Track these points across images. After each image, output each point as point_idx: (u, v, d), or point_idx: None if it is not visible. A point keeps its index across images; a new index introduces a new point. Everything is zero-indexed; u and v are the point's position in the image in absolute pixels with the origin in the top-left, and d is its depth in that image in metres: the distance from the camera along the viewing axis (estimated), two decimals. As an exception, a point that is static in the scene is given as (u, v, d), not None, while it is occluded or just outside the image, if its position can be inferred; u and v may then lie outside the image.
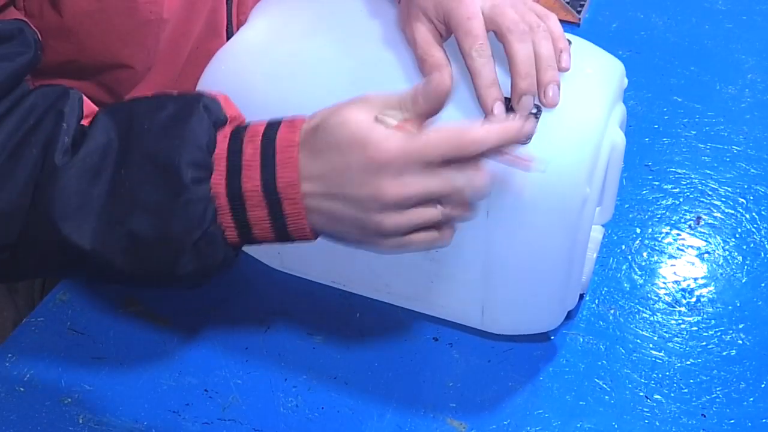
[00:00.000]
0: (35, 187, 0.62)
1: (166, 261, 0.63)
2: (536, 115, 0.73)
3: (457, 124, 0.62)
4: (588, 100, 0.76)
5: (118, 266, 0.63)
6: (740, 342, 0.88)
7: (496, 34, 0.73)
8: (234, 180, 0.62)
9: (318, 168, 0.61)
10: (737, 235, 0.98)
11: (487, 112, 0.72)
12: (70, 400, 0.84)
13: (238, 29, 0.87)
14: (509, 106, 0.73)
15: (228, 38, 0.91)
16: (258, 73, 0.80)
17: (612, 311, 0.91)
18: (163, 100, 0.64)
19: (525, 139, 0.67)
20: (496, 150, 0.63)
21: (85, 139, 0.63)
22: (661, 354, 0.87)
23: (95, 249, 0.62)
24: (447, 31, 0.75)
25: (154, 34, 0.83)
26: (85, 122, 0.65)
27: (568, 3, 1.25)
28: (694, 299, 0.92)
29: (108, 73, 0.85)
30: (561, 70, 0.74)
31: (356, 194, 0.61)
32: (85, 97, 0.67)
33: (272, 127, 0.63)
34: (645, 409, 0.83)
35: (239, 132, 0.63)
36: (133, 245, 0.62)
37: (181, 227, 0.61)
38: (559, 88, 0.73)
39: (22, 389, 0.85)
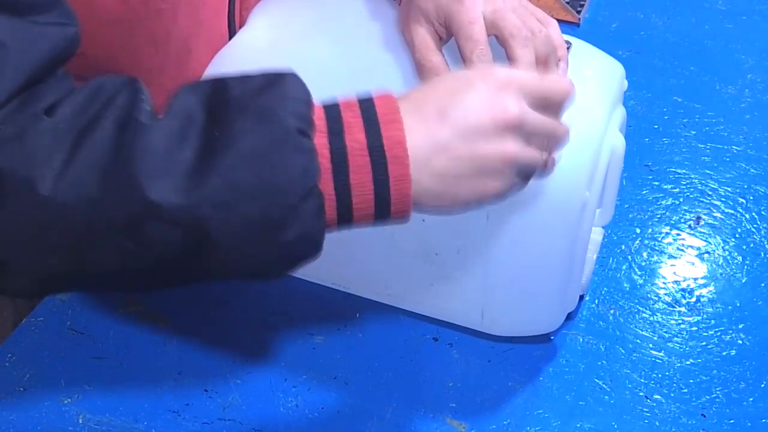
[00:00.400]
0: (116, 152, 0.56)
1: (267, 220, 0.57)
2: None
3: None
4: (588, 104, 0.76)
5: (213, 232, 0.56)
6: (740, 342, 0.88)
7: (498, 38, 0.73)
8: (336, 140, 0.58)
9: (431, 111, 0.60)
10: (737, 235, 0.98)
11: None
12: (70, 400, 0.84)
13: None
14: None
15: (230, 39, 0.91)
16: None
17: (612, 311, 0.91)
18: (247, 75, 0.61)
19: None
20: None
21: (167, 109, 0.58)
22: (661, 354, 0.87)
23: (185, 207, 0.55)
24: (447, 34, 0.75)
25: (164, 27, 0.83)
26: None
27: (568, 3, 1.25)
28: (694, 299, 0.92)
29: (116, 72, 0.84)
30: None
31: (479, 119, 0.59)
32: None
33: (365, 95, 0.61)
34: (645, 409, 0.83)
35: (333, 103, 0.61)
36: (233, 198, 0.56)
37: (285, 178, 0.56)
38: None
39: (22, 389, 0.85)
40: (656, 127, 1.11)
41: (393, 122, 0.59)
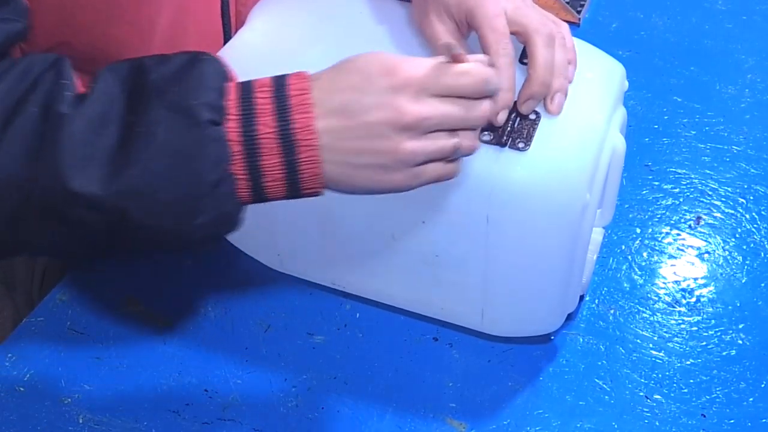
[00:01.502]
0: (40, 139, 0.60)
1: (183, 206, 0.61)
2: (535, 121, 0.73)
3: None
4: (589, 105, 0.76)
5: (133, 216, 0.61)
6: (740, 342, 0.88)
7: (519, 35, 0.73)
8: (248, 126, 0.61)
9: (339, 100, 0.62)
10: (737, 235, 0.98)
11: (491, 115, 0.71)
12: (70, 400, 0.84)
13: (236, 30, 0.87)
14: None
15: (226, 40, 0.91)
16: (257, 74, 0.79)
17: (612, 311, 0.91)
18: (166, 55, 0.64)
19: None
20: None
21: (88, 93, 0.61)
22: (661, 354, 0.87)
23: (105, 196, 0.60)
24: (468, 29, 0.75)
25: (148, 15, 0.83)
26: (81, 89, 0.63)
27: (568, 3, 1.25)
28: (694, 299, 0.92)
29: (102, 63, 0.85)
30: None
31: (376, 119, 0.61)
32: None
33: (280, 78, 0.63)
34: (645, 409, 0.83)
35: (246, 84, 0.63)
36: (150, 187, 0.60)
37: (198, 167, 0.60)
38: (565, 98, 0.74)
39: (22, 389, 0.85)
40: (656, 127, 1.10)
41: (303, 105, 0.62)
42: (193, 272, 0.95)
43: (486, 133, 0.73)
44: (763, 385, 0.85)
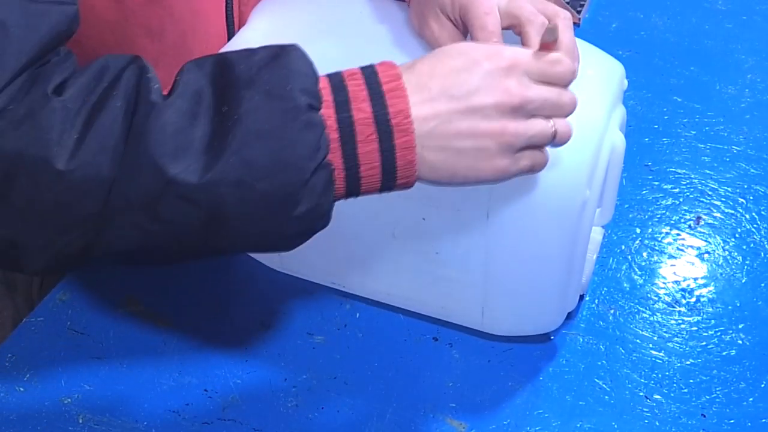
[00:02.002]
0: (128, 129, 0.57)
1: (281, 195, 0.59)
2: None
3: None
4: (588, 103, 0.76)
5: (229, 208, 0.58)
6: (740, 342, 0.88)
7: (514, 27, 0.73)
8: (344, 112, 0.60)
9: (438, 87, 0.61)
10: (737, 235, 0.98)
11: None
12: (70, 400, 0.84)
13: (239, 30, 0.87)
14: None
15: (230, 39, 0.91)
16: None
17: (612, 311, 0.91)
18: (250, 49, 0.62)
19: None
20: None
21: (174, 87, 0.59)
22: (661, 354, 0.87)
23: (201, 186, 0.56)
24: (464, 28, 0.75)
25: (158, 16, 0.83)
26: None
27: (568, 3, 1.25)
28: (694, 299, 0.92)
29: None
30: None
31: (484, 101, 0.61)
32: None
33: (368, 67, 0.62)
34: (645, 409, 0.83)
35: (334, 73, 0.62)
36: (247, 176, 0.57)
37: (297, 154, 0.58)
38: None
39: (22, 389, 0.85)
40: (656, 127, 1.11)
41: (396, 91, 0.60)
42: (193, 272, 0.95)
43: None
44: (763, 385, 0.85)
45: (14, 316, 1.02)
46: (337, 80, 0.61)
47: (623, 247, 0.97)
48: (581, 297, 0.89)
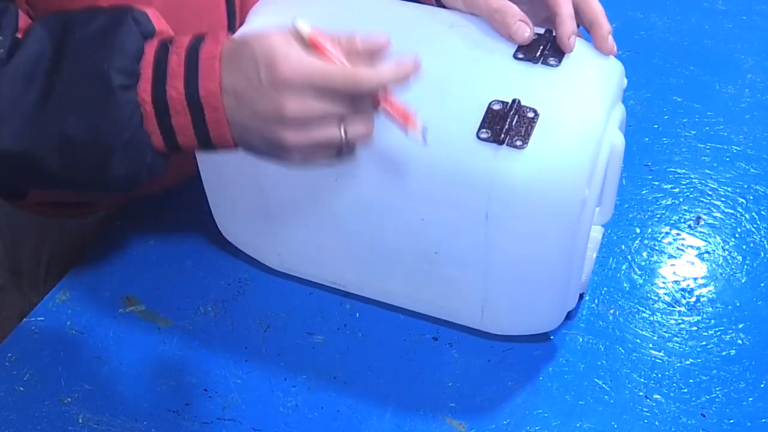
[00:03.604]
0: None
1: (98, 163, 0.66)
2: (533, 120, 0.73)
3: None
4: (587, 102, 0.76)
5: (52, 167, 0.66)
6: (740, 342, 0.88)
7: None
8: (159, 87, 0.65)
9: (234, 81, 0.65)
10: (737, 235, 0.98)
11: (564, 40, 0.78)
12: (70, 400, 0.84)
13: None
14: None
15: None
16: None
17: (612, 311, 0.91)
18: (95, 12, 0.68)
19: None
20: (384, 98, 0.67)
21: (18, 48, 0.65)
22: (661, 354, 0.87)
23: (25, 153, 0.65)
24: None
25: None
26: (19, 35, 0.67)
27: (568, 3, 1.25)
28: (693, 299, 0.92)
29: None
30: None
31: (262, 109, 0.64)
32: (21, 12, 0.70)
33: (197, 39, 0.67)
34: (644, 409, 0.83)
35: (166, 43, 0.67)
36: (66, 146, 0.65)
37: (110, 130, 0.65)
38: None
39: (22, 389, 0.85)
40: (656, 127, 1.11)
41: (211, 71, 0.65)
42: (193, 272, 0.95)
43: (484, 130, 0.73)
44: (762, 385, 0.85)
45: (14, 316, 1.02)
46: (163, 54, 0.66)
47: (623, 246, 0.97)
48: (581, 296, 0.89)
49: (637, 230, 0.98)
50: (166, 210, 1.00)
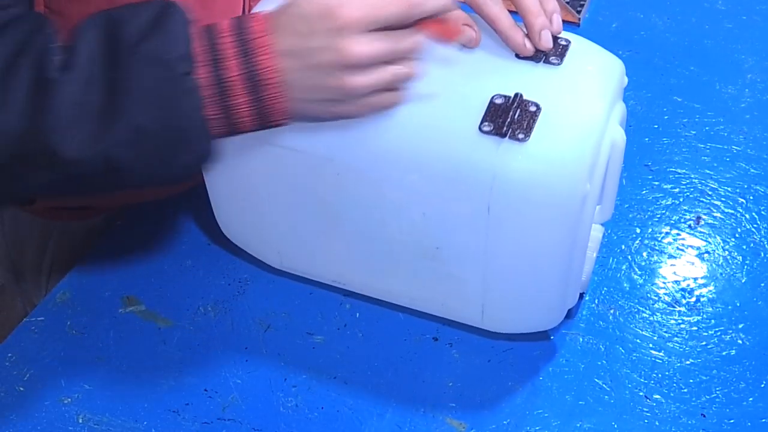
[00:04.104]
0: (31, 104, 0.65)
1: (168, 151, 0.68)
2: (535, 113, 0.73)
3: None
4: (589, 97, 0.76)
5: (124, 164, 0.67)
6: (740, 342, 0.88)
7: None
8: (216, 71, 0.67)
9: (290, 44, 0.67)
10: (737, 235, 0.98)
11: (519, 50, 0.78)
12: (70, 400, 0.84)
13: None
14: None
15: None
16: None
17: (612, 311, 0.91)
18: (135, 7, 0.69)
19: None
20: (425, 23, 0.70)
21: (71, 52, 0.66)
22: (661, 354, 0.87)
23: (92, 156, 0.66)
24: None
25: None
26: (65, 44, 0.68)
27: (568, 3, 1.25)
28: (693, 299, 0.92)
29: None
30: (554, 32, 0.79)
31: (325, 60, 0.67)
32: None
33: (241, 21, 0.68)
34: (645, 409, 0.83)
35: (209, 29, 0.68)
36: (139, 136, 0.66)
37: (177, 116, 0.67)
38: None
39: (22, 389, 0.85)
40: (656, 127, 1.11)
41: (264, 47, 0.67)
42: (193, 272, 0.95)
43: (486, 123, 0.73)
44: (762, 385, 0.85)
45: (15, 316, 1.02)
46: (210, 38, 0.67)
47: (623, 246, 0.97)
48: (581, 296, 0.89)
49: (637, 230, 0.99)
50: (166, 210, 1.00)
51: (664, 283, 0.93)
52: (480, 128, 0.73)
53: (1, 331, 0.97)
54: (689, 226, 0.99)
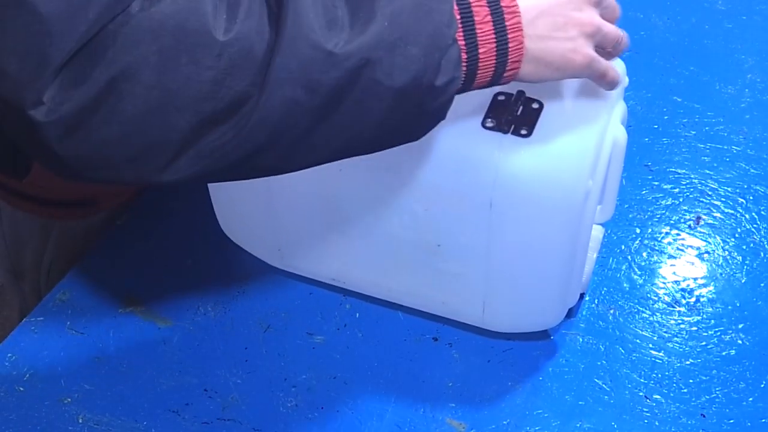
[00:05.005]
0: (280, 6, 0.60)
1: (428, 60, 0.62)
2: (538, 110, 0.73)
3: None
4: (591, 95, 0.76)
5: (378, 70, 0.61)
6: (740, 342, 0.88)
7: None
8: (470, 33, 0.65)
9: None
10: (737, 235, 0.98)
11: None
12: (69, 400, 0.84)
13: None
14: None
15: None
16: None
17: (612, 311, 0.91)
18: None
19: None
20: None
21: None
22: (661, 354, 0.87)
23: (358, 50, 0.60)
24: None
25: None
26: None
27: (568, 3, 1.25)
28: (693, 299, 0.92)
29: None
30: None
31: None
32: None
33: None
34: (644, 409, 0.83)
35: None
36: (399, 38, 0.61)
37: (438, 20, 0.63)
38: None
39: (22, 389, 0.85)
40: (656, 127, 1.11)
41: (516, 14, 0.67)
42: (193, 272, 0.95)
43: (489, 119, 0.74)
44: (762, 385, 0.85)
45: (15, 316, 1.02)
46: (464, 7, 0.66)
47: (623, 246, 0.97)
48: (581, 296, 0.89)
49: (637, 230, 0.99)
50: (165, 210, 1.00)
51: (664, 283, 0.93)
52: (483, 124, 0.73)
53: (1, 331, 0.97)
54: (689, 226, 0.99)
